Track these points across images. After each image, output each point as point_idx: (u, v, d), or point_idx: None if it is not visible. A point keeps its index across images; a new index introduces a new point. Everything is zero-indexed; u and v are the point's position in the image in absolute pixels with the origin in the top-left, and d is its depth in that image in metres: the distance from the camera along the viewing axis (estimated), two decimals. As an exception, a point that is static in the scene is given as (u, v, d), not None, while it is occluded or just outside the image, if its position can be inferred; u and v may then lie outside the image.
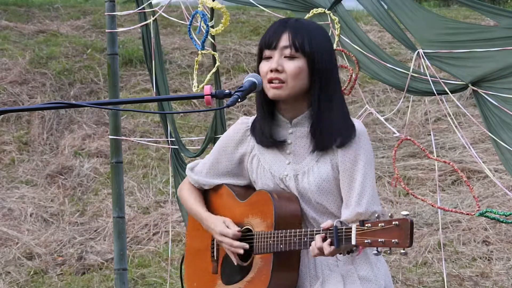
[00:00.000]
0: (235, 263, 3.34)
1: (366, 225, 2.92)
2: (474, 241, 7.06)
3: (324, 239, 3.04)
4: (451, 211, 4.05)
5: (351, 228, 2.96)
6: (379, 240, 2.89)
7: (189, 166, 3.57)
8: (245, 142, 3.39)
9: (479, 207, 3.66)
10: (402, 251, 2.88)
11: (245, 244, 3.30)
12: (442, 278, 6.56)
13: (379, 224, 2.90)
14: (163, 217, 8.01)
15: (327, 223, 3.07)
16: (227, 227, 3.34)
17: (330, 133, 3.21)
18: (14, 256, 7.56)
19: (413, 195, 3.75)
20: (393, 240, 2.87)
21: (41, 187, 8.69)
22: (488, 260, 6.84)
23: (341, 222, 3.04)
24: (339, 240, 2.99)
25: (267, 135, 3.30)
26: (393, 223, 2.87)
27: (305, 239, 3.13)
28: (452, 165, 3.72)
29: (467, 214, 3.78)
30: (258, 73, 3.27)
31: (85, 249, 7.68)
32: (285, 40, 3.21)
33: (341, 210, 3.25)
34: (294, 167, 3.29)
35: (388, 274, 3.33)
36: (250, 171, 3.39)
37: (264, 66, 3.24)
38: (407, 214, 2.89)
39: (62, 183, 8.73)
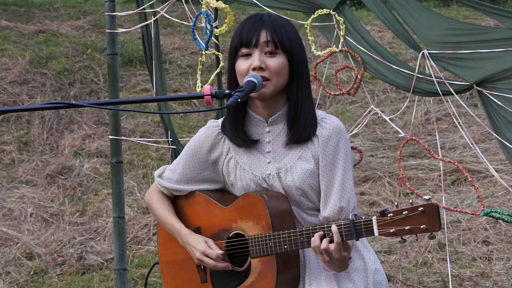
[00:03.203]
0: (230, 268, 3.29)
1: (389, 215, 2.97)
2: (474, 241, 7.06)
3: (322, 238, 3.03)
4: (457, 211, 4.06)
5: (371, 220, 2.99)
6: (406, 228, 2.95)
7: (156, 172, 3.46)
8: (219, 146, 3.33)
9: (483, 207, 3.67)
10: (431, 235, 2.94)
11: (228, 263, 3.25)
12: (442, 278, 6.56)
13: (403, 212, 2.95)
14: (163, 217, 8.00)
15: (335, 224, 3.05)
16: (210, 247, 3.26)
17: (307, 125, 3.19)
18: (14, 256, 7.54)
19: (420, 196, 3.75)
20: (421, 226, 2.93)
21: (41, 187, 8.67)
22: (488, 260, 6.84)
23: (355, 216, 3.04)
24: (358, 233, 3.01)
25: (240, 135, 3.26)
26: (419, 209, 2.94)
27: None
28: (457, 165, 3.72)
29: (472, 214, 3.78)
30: (232, 71, 3.22)
31: (85, 249, 7.67)
32: (264, 37, 3.16)
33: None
34: (275, 166, 3.25)
35: (379, 277, 3.30)
36: (226, 174, 3.33)
37: (243, 64, 3.18)
38: (429, 198, 2.94)
39: (62, 183, 8.72)
